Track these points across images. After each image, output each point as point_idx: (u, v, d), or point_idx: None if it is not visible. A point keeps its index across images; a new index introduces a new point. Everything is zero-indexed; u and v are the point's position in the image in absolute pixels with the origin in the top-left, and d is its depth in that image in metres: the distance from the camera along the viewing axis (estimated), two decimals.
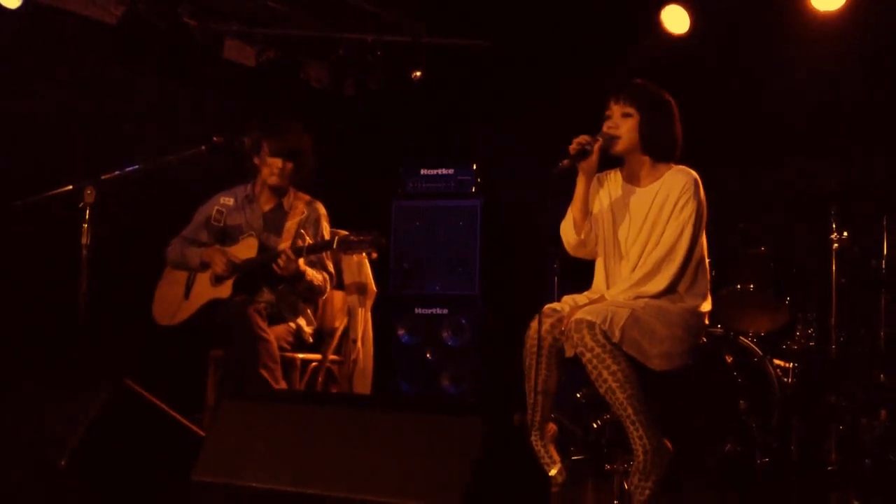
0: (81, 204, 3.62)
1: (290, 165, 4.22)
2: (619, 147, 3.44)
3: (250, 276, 4.12)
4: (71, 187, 3.68)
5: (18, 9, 4.52)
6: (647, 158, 3.47)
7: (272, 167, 4.21)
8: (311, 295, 4.19)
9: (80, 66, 4.94)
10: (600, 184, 3.55)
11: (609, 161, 3.52)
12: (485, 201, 5.68)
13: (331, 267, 4.25)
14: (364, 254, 4.15)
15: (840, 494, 3.93)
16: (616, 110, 3.43)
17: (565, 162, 3.36)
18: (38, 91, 4.78)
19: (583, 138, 3.38)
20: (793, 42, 5.00)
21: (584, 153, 3.37)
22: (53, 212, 3.75)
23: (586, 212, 3.48)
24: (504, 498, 2.57)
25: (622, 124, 3.42)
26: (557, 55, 5.59)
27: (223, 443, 2.79)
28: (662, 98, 3.48)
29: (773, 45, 5.09)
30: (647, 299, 3.32)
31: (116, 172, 3.77)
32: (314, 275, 4.12)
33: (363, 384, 4.32)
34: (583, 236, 3.48)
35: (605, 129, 3.44)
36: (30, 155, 4.67)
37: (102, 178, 3.69)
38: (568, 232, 3.51)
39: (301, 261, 4.00)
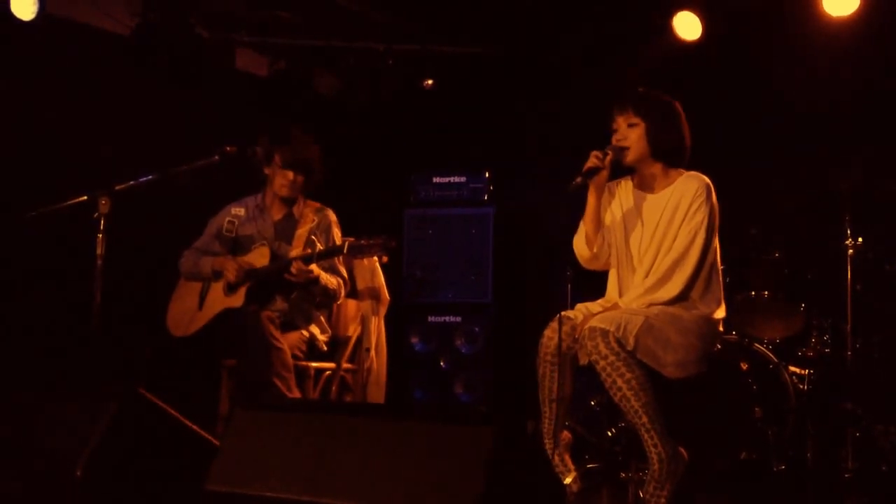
0: (96, 214, 3.64)
1: (301, 178, 4.24)
2: (630, 157, 3.45)
3: (263, 285, 4.13)
4: (85, 197, 3.70)
5: (33, 20, 4.55)
6: (658, 165, 3.47)
7: (284, 179, 4.22)
8: (327, 299, 4.20)
9: (93, 78, 4.97)
10: (611, 193, 3.55)
11: (621, 169, 3.52)
12: (497, 209, 5.67)
13: (344, 272, 4.26)
14: (375, 258, 4.15)
15: (856, 501, 3.91)
16: (621, 122, 3.45)
17: (578, 179, 3.38)
18: (52, 102, 4.81)
19: (594, 155, 3.39)
20: (806, 47, 4.98)
21: (596, 169, 3.38)
22: (68, 222, 3.77)
23: (598, 225, 3.48)
24: None
25: (629, 134, 3.43)
26: (569, 62, 5.59)
27: (237, 452, 2.80)
28: (666, 103, 3.49)
29: (786, 51, 5.08)
30: (660, 306, 3.31)
31: (130, 183, 3.79)
32: (328, 279, 4.13)
33: (377, 392, 4.32)
34: (595, 250, 3.48)
35: (613, 141, 3.45)
36: (44, 165, 4.69)
37: (116, 188, 3.71)
38: (580, 246, 3.51)
39: (314, 266, 4.02)
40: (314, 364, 4.20)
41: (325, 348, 4.28)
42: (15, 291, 4.52)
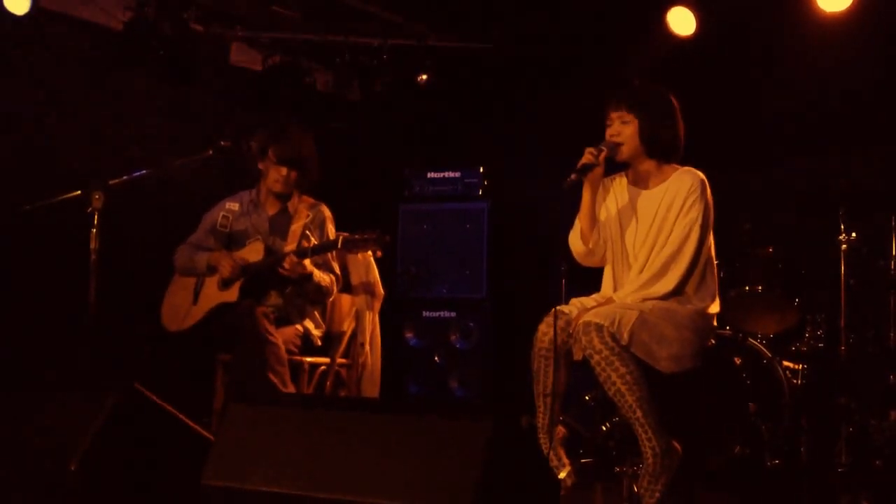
0: (90, 209, 3.65)
1: (294, 174, 4.24)
2: (624, 153, 3.45)
3: (257, 280, 4.13)
4: (79, 192, 3.70)
5: (26, 15, 4.53)
6: (652, 161, 3.47)
7: (277, 174, 4.22)
8: (319, 296, 4.20)
9: (87, 72, 4.96)
10: (606, 190, 3.54)
11: (615, 165, 3.52)
12: (491, 204, 5.67)
13: (337, 269, 4.26)
14: (370, 253, 4.16)
15: (850, 496, 3.92)
16: (615, 118, 3.44)
17: (573, 176, 3.37)
18: (46, 97, 4.80)
19: (588, 152, 3.38)
20: (799, 42, 4.99)
21: (590, 166, 3.38)
22: (62, 216, 3.76)
23: (594, 221, 3.48)
24: (513, 501, 2.57)
25: (623, 130, 3.43)
26: (564, 57, 5.59)
27: (231, 447, 2.80)
28: (659, 96, 3.48)
29: (780, 46, 5.08)
30: (655, 301, 3.32)
31: (124, 177, 3.79)
32: (321, 276, 4.13)
33: (371, 387, 4.32)
34: (591, 246, 3.48)
35: (607, 137, 3.44)
36: (38, 160, 4.68)
37: (110, 182, 3.71)
38: (576, 242, 3.51)
39: (307, 262, 4.02)
40: (308, 359, 4.20)
41: (320, 343, 4.28)
42: (9, 286, 4.52)
